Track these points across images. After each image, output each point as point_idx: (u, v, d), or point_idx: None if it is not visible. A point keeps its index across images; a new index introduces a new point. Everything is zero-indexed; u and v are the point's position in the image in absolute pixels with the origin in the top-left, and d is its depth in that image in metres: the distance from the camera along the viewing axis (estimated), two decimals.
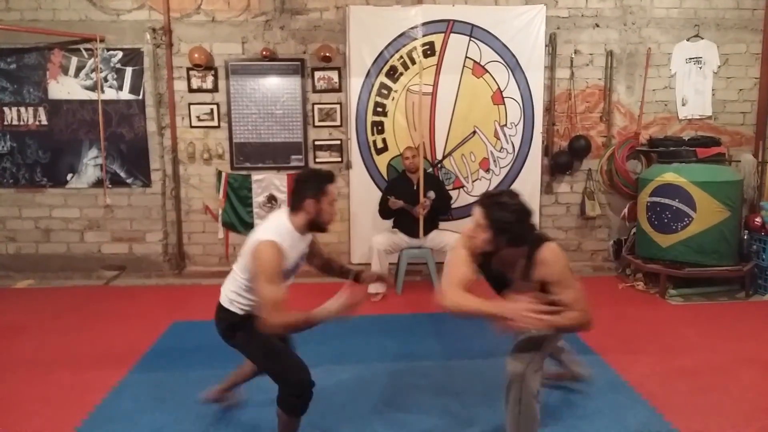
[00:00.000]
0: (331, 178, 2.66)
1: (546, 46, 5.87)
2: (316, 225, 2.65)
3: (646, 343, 4.15)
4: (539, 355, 2.60)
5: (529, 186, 5.99)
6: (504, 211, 2.42)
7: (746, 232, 5.42)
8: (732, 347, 4.06)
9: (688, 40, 5.98)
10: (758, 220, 5.26)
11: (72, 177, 5.89)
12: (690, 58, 6.00)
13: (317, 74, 5.88)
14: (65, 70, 5.74)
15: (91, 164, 5.87)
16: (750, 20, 5.99)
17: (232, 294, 2.71)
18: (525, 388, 2.53)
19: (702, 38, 5.97)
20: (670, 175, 5.24)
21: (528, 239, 2.52)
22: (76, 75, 5.75)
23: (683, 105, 6.08)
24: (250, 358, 2.74)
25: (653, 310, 4.93)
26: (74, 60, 5.72)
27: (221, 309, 2.74)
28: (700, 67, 6.01)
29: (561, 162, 5.99)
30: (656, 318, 4.73)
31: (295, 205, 2.63)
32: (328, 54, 5.69)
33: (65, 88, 5.76)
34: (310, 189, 2.59)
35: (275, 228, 2.59)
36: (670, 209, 5.21)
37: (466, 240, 2.57)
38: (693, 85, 6.04)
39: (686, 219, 5.13)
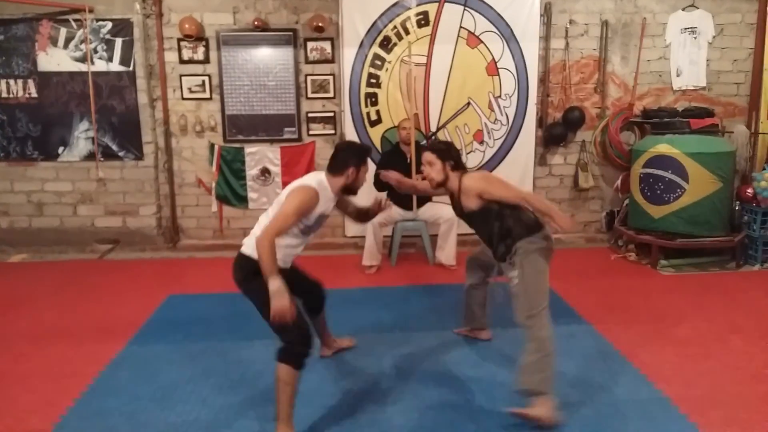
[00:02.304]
0: (370, 151, 3.13)
1: (541, 15, 5.81)
2: (350, 189, 2.98)
3: (638, 313, 4.20)
4: (531, 296, 2.93)
5: (523, 157, 6.00)
6: (441, 143, 3.36)
7: (738, 203, 5.46)
8: (722, 317, 4.12)
9: (683, 9, 5.94)
10: (750, 191, 5.30)
11: (63, 150, 5.84)
12: (685, 28, 5.97)
13: (310, 45, 5.81)
14: (54, 42, 5.65)
15: (83, 137, 5.82)
16: None
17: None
18: (534, 329, 2.87)
19: (697, 8, 5.93)
20: (663, 147, 5.25)
21: (459, 165, 3.17)
22: (66, 46, 5.66)
23: (678, 76, 6.06)
24: (258, 305, 2.76)
25: (645, 280, 4.99)
26: (63, 31, 5.63)
27: (242, 257, 2.89)
28: (695, 38, 5.98)
29: (555, 133, 5.99)
30: (648, 288, 4.78)
31: (336, 170, 2.93)
32: (320, 24, 5.62)
33: (54, 59, 5.67)
34: (354, 158, 2.93)
35: (317, 181, 2.88)
36: (662, 180, 5.23)
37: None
38: (687, 56, 6.01)
39: (679, 190, 5.16)
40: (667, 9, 5.95)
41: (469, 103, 5.91)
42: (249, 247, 2.85)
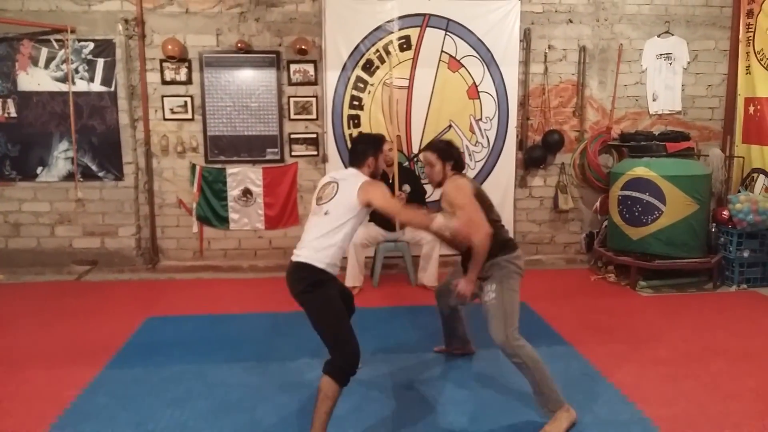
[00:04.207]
0: (383, 139, 3.28)
1: (520, 41, 5.92)
2: (373, 176, 3.13)
3: (618, 334, 4.24)
4: (509, 314, 2.95)
5: (503, 179, 6.06)
6: (441, 142, 3.34)
7: (714, 224, 5.56)
8: (700, 337, 4.17)
9: (658, 36, 6.10)
10: (726, 213, 5.40)
11: (42, 170, 5.78)
12: (660, 54, 6.12)
13: (293, 67, 5.85)
14: (35, 62, 5.62)
15: (62, 157, 5.77)
16: (718, 17, 6.13)
17: (316, 248, 2.86)
18: (517, 348, 2.88)
19: (672, 34, 6.09)
20: (640, 169, 5.35)
21: (459, 164, 3.26)
22: (47, 66, 5.63)
23: (654, 100, 6.20)
24: (315, 318, 2.82)
25: (624, 301, 5.04)
26: (44, 51, 5.60)
27: (303, 267, 2.85)
28: (671, 63, 6.13)
29: (535, 156, 6.07)
30: (627, 309, 4.83)
31: (359, 162, 3.11)
32: (303, 47, 5.67)
33: (35, 79, 5.64)
34: (371, 148, 3.13)
35: (360, 175, 3.06)
36: (640, 202, 5.31)
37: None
38: (663, 81, 6.16)
39: (656, 212, 5.25)
40: (643, 35, 6.10)
41: (450, 126, 5.98)
42: (307, 257, 2.85)
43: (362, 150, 3.13)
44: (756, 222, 5.21)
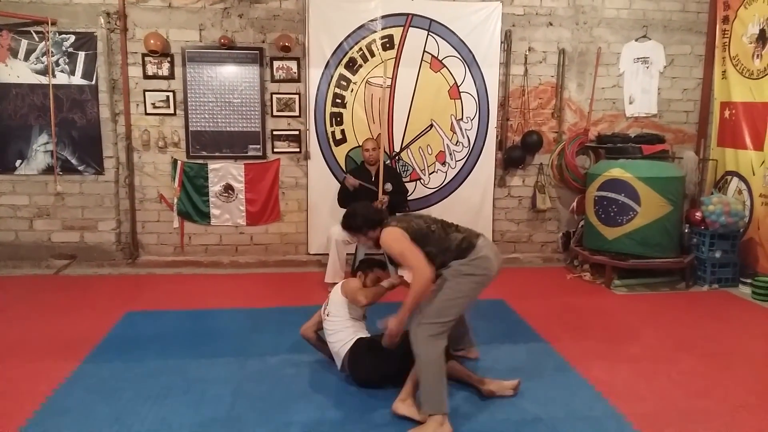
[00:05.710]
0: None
1: (501, 42, 6.00)
2: None
3: (593, 331, 4.33)
4: (435, 310, 2.97)
5: (483, 179, 6.14)
6: (349, 218, 3.29)
7: (687, 225, 5.68)
8: (673, 335, 4.27)
9: (636, 40, 6.21)
10: (698, 214, 5.52)
11: (21, 163, 5.72)
12: (638, 58, 6.23)
13: (276, 64, 5.86)
14: (14, 53, 5.56)
15: (41, 150, 5.72)
16: (695, 23, 6.25)
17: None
18: (421, 343, 2.93)
19: (649, 39, 6.20)
20: (616, 171, 5.45)
21: (377, 223, 3.20)
22: (26, 58, 5.57)
23: (630, 103, 6.31)
24: None
25: (599, 299, 5.14)
26: (24, 43, 5.54)
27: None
28: (647, 67, 6.25)
29: (514, 156, 6.15)
30: (602, 307, 4.92)
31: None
32: (287, 44, 5.68)
33: (14, 71, 5.57)
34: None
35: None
36: (616, 203, 5.42)
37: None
38: (640, 84, 6.27)
39: (631, 213, 5.35)
40: (621, 39, 6.21)
41: (432, 125, 6.03)
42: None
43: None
44: (728, 223, 5.34)
